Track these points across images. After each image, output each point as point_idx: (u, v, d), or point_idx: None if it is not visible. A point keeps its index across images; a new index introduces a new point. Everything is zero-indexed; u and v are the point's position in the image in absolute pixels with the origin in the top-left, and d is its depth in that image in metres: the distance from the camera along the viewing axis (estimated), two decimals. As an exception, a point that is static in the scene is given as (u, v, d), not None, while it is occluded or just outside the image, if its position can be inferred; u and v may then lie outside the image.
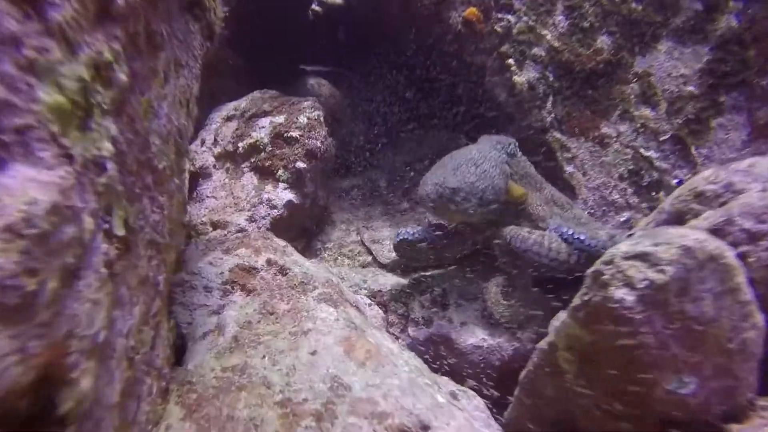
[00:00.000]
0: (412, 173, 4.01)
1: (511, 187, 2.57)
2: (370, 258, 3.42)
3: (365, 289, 3.16)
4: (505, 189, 2.52)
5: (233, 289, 2.08)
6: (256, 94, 3.98)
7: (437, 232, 2.97)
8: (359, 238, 3.60)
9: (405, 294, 3.00)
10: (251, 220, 3.29)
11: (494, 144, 2.75)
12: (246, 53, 4.75)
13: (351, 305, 2.08)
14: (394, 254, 3.34)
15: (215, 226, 3.36)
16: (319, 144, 3.35)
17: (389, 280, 3.16)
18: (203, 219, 3.43)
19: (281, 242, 2.53)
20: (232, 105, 4.02)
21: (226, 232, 3.28)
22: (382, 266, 3.33)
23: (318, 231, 3.64)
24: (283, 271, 2.19)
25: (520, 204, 2.61)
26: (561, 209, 2.73)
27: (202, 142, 3.92)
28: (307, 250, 3.58)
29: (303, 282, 2.11)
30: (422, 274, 3.12)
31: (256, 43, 4.72)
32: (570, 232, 2.30)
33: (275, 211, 3.25)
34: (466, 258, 3.01)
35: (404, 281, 3.13)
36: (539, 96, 3.25)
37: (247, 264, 2.20)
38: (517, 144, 2.87)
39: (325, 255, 3.53)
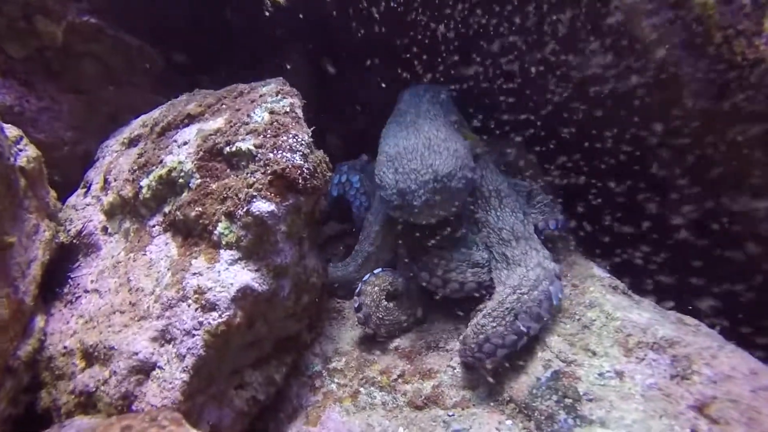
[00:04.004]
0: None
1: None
2: (431, 384, 1.62)
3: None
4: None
5: None
6: (183, 96, 2.25)
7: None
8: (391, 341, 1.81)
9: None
10: (164, 339, 1.48)
11: (429, 99, 2.06)
12: (171, 53, 3.00)
13: None
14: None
15: (89, 358, 1.54)
16: (298, 159, 1.60)
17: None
18: (68, 343, 1.61)
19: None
20: (138, 120, 2.29)
21: (108, 373, 1.46)
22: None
23: (314, 336, 1.84)
24: None
25: None
26: None
27: (86, 190, 2.15)
28: (295, 377, 1.76)
29: None
30: None
31: (185, 40, 3.01)
32: None
33: (214, 315, 1.45)
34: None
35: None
36: None
37: None
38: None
39: (334, 386, 1.71)
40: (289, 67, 2.40)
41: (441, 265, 1.80)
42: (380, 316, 1.80)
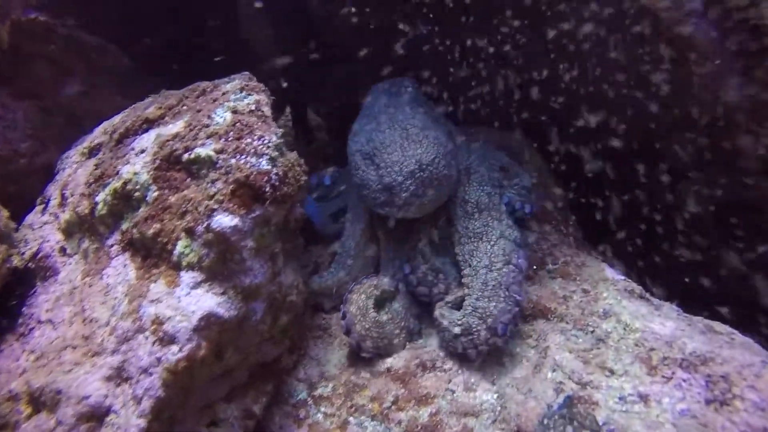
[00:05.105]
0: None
1: None
2: (428, 411, 1.43)
3: None
4: None
5: None
6: (147, 99, 2.05)
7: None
8: (384, 361, 1.62)
9: None
10: (120, 377, 1.29)
11: (396, 92, 1.90)
12: (140, 52, 2.77)
13: None
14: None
15: (36, 403, 1.35)
16: (264, 164, 1.40)
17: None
18: (13, 386, 1.42)
19: None
20: (100, 128, 2.08)
21: (53, 423, 1.28)
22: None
23: (296, 358, 1.65)
24: None
25: None
26: None
27: (44, 206, 1.96)
28: (278, 406, 1.57)
29: None
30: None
31: (158, 38, 2.78)
32: None
33: (173, 349, 1.25)
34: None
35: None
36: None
37: None
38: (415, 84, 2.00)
39: (320, 416, 1.52)
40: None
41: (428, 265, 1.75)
42: (366, 326, 1.62)
